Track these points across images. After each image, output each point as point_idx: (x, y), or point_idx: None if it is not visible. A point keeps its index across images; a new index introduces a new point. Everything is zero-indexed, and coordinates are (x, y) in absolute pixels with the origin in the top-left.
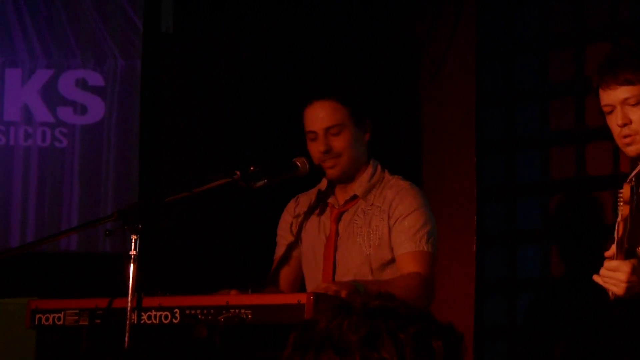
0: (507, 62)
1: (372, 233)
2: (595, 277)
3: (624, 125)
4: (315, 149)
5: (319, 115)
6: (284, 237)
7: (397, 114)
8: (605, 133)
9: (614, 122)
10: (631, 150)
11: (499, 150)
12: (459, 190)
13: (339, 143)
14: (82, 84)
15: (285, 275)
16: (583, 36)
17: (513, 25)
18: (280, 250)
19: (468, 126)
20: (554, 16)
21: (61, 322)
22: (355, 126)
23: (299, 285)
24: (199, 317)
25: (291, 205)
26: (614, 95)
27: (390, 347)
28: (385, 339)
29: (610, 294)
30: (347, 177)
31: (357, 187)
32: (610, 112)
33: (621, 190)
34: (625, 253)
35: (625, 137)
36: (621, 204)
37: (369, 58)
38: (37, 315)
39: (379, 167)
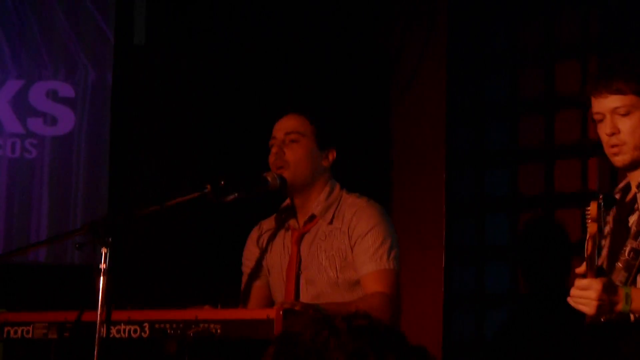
0: (477, 78)
1: (336, 256)
2: (568, 300)
3: (612, 134)
4: (272, 153)
5: (283, 124)
6: (249, 267)
7: (366, 129)
8: (574, 150)
9: (603, 130)
10: (618, 161)
11: (469, 166)
12: (428, 205)
13: (293, 152)
14: (53, 95)
15: (255, 303)
16: (553, 53)
17: (484, 42)
18: (246, 279)
19: (438, 141)
20: (524, 33)
21: (30, 335)
22: (316, 145)
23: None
24: (169, 331)
25: (254, 232)
26: (604, 104)
27: None
28: (371, 358)
29: (588, 317)
30: (296, 190)
31: (315, 207)
32: (601, 121)
33: (588, 208)
34: (596, 271)
35: (612, 146)
36: (589, 221)
37: (339, 73)
38: (6, 328)
39: (337, 187)
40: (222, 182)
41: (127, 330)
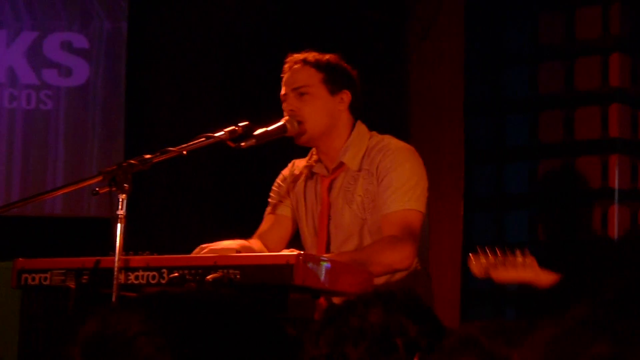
0: (496, 25)
1: (364, 197)
2: None
3: None
4: (284, 108)
5: (290, 77)
6: (276, 199)
7: (384, 77)
8: (594, 97)
9: None
10: None
11: (488, 114)
12: (447, 154)
13: (305, 105)
14: (67, 46)
15: (275, 232)
16: None
17: None
18: (273, 208)
19: (456, 89)
20: None
21: (48, 282)
22: (327, 91)
23: (286, 244)
24: (187, 277)
25: (287, 168)
26: None
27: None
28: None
29: None
30: (318, 140)
31: (342, 153)
32: None
33: None
34: None
35: None
36: None
37: (357, 20)
38: (24, 275)
39: (363, 129)
40: (240, 128)
41: (145, 276)
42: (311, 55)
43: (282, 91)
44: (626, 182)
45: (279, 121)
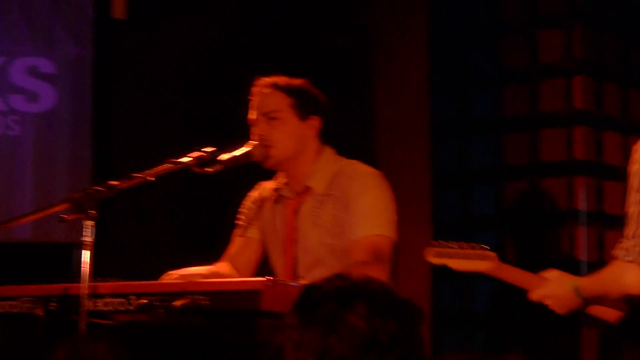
0: (460, 48)
1: (332, 222)
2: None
3: None
4: (252, 132)
5: (260, 102)
6: (246, 220)
7: (350, 101)
8: (559, 119)
9: None
10: None
11: (453, 137)
12: (413, 178)
13: (274, 130)
14: (34, 72)
15: (245, 255)
16: (536, 22)
17: (466, 11)
18: (242, 231)
19: (422, 113)
20: (506, 2)
21: (16, 309)
22: (297, 117)
23: (255, 267)
24: (155, 303)
25: (254, 191)
26: None
27: None
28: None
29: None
30: (285, 165)
31: (309, 177)
32: None
33: None
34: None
35: None
36: None
37: (320, 43)
38: None
39: (331, 153)
40: (206, 153)
41: (113, 303)
42: (281, 80)
43: (251, 115)
44: (592, 204)
45: (245, 146)
